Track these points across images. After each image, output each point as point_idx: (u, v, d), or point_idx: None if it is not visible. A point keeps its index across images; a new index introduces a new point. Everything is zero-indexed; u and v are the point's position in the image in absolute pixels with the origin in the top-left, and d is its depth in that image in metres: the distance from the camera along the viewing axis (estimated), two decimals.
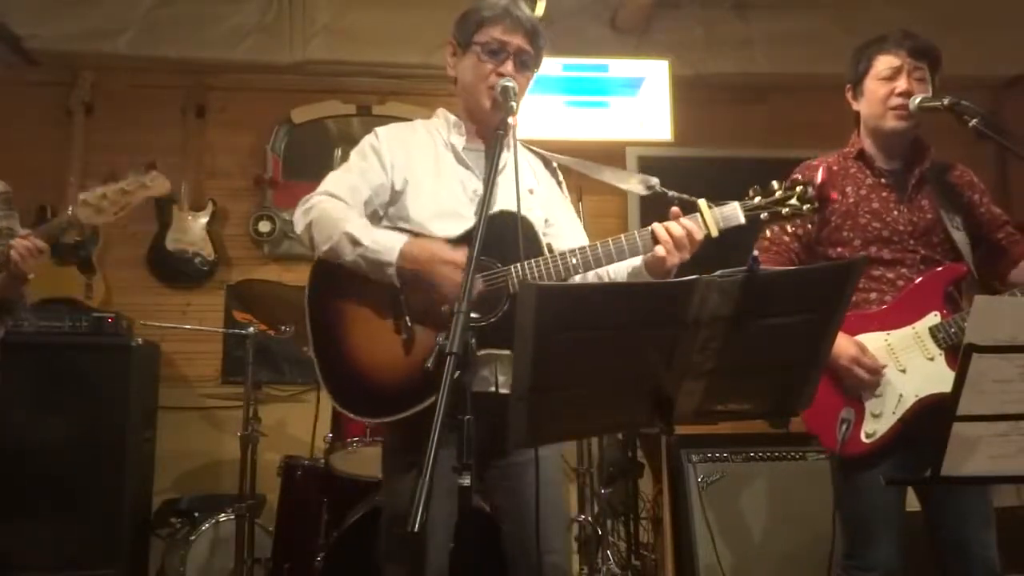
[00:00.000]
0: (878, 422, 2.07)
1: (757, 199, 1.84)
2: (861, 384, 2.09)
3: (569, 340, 1.38)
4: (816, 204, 1.84)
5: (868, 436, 2.07)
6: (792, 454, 3.25)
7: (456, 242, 1.87)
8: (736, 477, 3.19)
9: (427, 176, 2.00)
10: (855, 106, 2.31)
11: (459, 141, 2.04)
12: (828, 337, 1.53)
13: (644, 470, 3.58)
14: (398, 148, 2.03)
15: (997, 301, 1.94)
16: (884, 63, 2.21)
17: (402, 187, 1.99)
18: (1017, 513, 2.97)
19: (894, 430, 2.06)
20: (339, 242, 1.86)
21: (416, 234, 1.90)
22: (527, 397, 1.41)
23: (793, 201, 1.83)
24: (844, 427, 2.03)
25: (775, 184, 1.86)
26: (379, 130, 2.08)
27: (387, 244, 1.84)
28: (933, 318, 2.10)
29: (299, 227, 1.96)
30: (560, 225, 2.08)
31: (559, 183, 2.17)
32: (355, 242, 1.85)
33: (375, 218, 2.01)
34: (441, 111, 2.12)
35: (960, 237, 2.19)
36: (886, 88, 2.20)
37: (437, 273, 1.80)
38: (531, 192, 2.04)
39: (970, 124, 2.08)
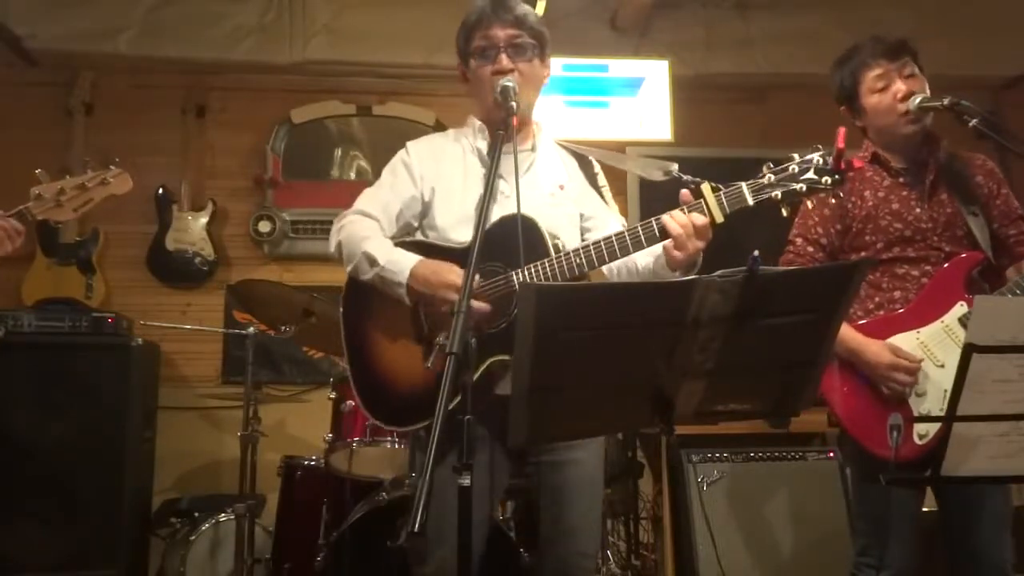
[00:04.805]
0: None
1: (768, 177, 1.70)
2: (906, 386, 2.06)
3: (569, 340, 1.38)
4: (837, 175, 1.66)
5: (921, 437, 2.03)
6: (792, 454, 3.25)
7: (466, 252, 1.87)
8: (736, 477, 3.18)
9: (455, 183, 2.03)
10: (858, 123, 2.30)
11: (483, 145, 2.07)
12: (829, 337, 1.53)
13: (644, 470, 3.58)
14: (428, 160, 2.07)
15: (997, 301, 1.94)
16: (871, 76, 2.21)
17: (431, 197, 2.03)
18: (1017, 513, 2.96)
19: (945, 426, 2.04)
20: (360, 261, 1.92)
21: (436, 246, 1.94)
22: (527, 397, 1.42)
23: (809, 175, 1.67)
24: (895, 433, 1.97)
25: (792, 156, 1.71)
26: (409, 144, 2.12)
27: (401, 264, 1.87)
28: (960, 308, 2.09)
29: (332, 246, 2.01)
30: (597, 218, 2.09)
31: (594, 175, 2.16)
32: (372, 261, 1.89)
33: (409, 230, 2.05)
34: (470, 118, 2.15)
35: (977, 223, 2.18)
36: (887, 98, 2.19)
37: (438, 297, 1.83)
38: (561, 188, 2.07)
39: (970, 124, 2.07)
